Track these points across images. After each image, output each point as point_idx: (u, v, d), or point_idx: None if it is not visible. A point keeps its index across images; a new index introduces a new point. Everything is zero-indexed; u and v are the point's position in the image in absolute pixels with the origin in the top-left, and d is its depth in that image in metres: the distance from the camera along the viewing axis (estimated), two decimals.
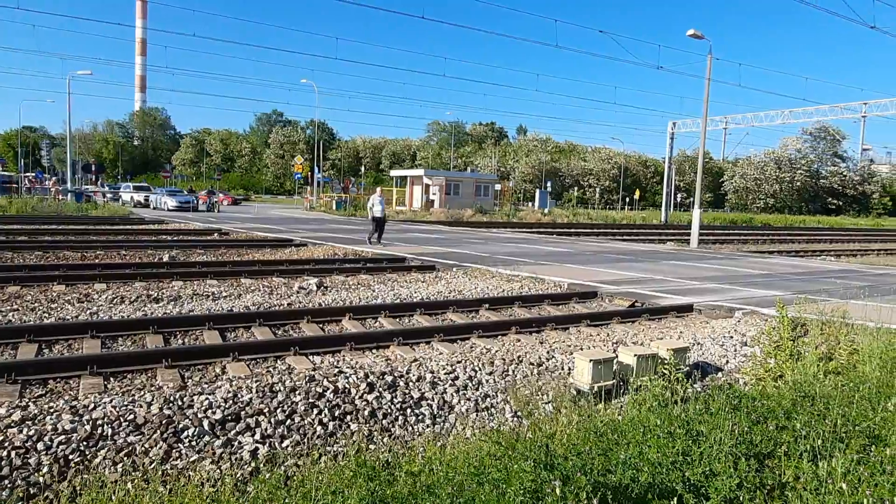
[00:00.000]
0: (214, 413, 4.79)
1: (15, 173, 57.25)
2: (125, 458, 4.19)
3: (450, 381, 6.00)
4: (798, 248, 29.07)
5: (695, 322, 9.31)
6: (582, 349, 7.19)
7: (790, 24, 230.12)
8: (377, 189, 20.70)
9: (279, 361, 6.48)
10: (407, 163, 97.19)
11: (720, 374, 7.13)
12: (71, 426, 4.36)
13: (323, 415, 5.08)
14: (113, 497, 3.70)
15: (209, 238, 19.74)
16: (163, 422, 4.57)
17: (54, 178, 53.90)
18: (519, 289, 11.66)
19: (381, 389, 5.60)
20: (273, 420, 4.88)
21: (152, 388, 5.33)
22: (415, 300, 10.01)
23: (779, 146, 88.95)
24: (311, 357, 6.67)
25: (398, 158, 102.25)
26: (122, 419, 4.53)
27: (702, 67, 28.90)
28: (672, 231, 38.00)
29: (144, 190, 44.18)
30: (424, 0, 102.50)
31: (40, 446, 4.13)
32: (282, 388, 5.29)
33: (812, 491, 2.74)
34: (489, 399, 5.91)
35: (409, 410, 5.46)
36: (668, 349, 6.47)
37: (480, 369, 6.33)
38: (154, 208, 39.04)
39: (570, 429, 4.52)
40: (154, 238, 19.30)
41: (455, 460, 3.71)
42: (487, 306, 9.68)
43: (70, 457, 4.12)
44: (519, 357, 6.77)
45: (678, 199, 76.24)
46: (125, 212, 32.49)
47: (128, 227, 22.64)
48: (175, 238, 19.20)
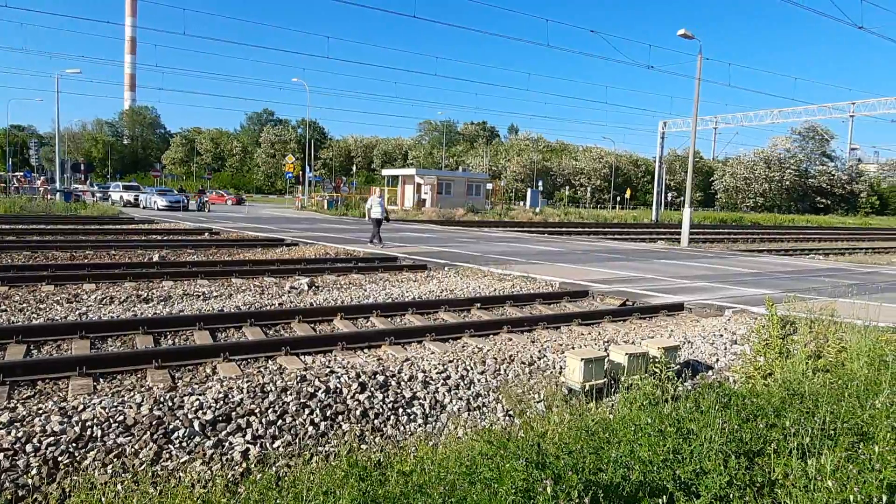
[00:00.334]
0: (205, 414, 4.77)
1: (3, 173, 56.75)
2: (115, 460, 4.16)
3: (441, 381, 6.00)
4: (787, 247, 29.29)
5: (685, 321, 9.35)
6: (573, 348, 7.21)
7: (779, 25, 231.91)
8: (376, 190, 20.67)
9: (270, 361, 6.46)
10: (398, 162, 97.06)
11: (710, 373, 7.17)
12: (60, 427, 4.32)
13: (314, 415, 5.07)
14: (102, 499, 3.67)
15: (200, 238, 19.63)
16: (153, 423, 4.54)
17: (43, 178, 53.34)
18: (510, 288, 11.67)
19: (373, 389, 5.59)
20: (264, 420, 4.86)
21: (142, 389, 5.30)
22: (406, 300, 10.00)
23: (768, 146, 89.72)
24: (303, 357, 6.65)
25: (390, 158, 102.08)
26: (112, 420, 4.50)
27: (692, 67, 29.05)
28: (663, 230, 38.15)
29: (134, 189, 43.84)
30: None
31: (29, 448, 4.10)
32: (273, 389, 5.27)
33: (801, 488, 2.76)
34: (481, 398, 5.91)
35: (401, 410, 5.46)
36: (659, 348, 6.50)
37: (472, 368, 6.34)
38: (144, 208, 38.79)
39: (562, 427, 4.53)
40: (144, 238, 19.17)
41: (447, 460, 3.71)
42: (479, 305, 9.68)
43: (59, 458, 4.08)
44: (510, 356, 6.79)
45: (669, 199, 76.61)
46: (115, 211, 32.25)
47: (117, 227, 22.47)
48: (165, 238, 19.09)
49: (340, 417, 5.15)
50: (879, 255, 27.39)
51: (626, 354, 6.36)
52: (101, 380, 5.64)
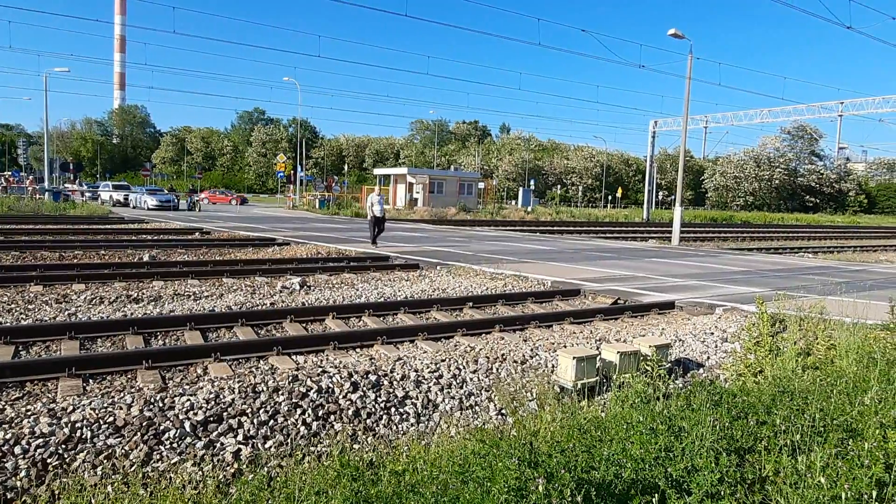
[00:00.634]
0: (196, 414, 4.74)
1: None
2: (105, 461, 4.13)
3: (434, 380, 6.00)
4: (777, 246, 29.48)
5: (676, 319, 9.40)
6: (565, 346, 7.22)
7: (769, 25, 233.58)
8: (376, 188, 20.66)
9: (262, 361, 6.43)
10: (391, 161, 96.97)
11: (701, 370, 7.21)
12: (49, 429, 4.29)
13: (306, 415, 5.05)
14: (92, 500, 3.65)
15: (190, 237, 19.52)
16: (143, 424, 4.51)
17: (31, 177, 52.87)
18: (502, 287, 11.68)
19: (365, 389, 5.58)
20: (256, 421, 4.84)
21: (132, 390, 5.26)
22: (399, 299, 9.99)
23: (758, 145, 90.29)
24: (295, 357, 6.62)
25: (382, 157, 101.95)
26: (102, 421, 4.47)
27: (683, 67, 29.18)
28: (654, 229, 38.33)
29: (124, 189, 43.48)
30: None
31: (17, 450, 4.06)
32: (265, 389, 5.25)
33: (792, 485, 2.78)
34: (473, 397, 5.91)
35: (394, 409, 5.45)
36: (651, 346, 6.53)
37: (464, 367, 6.34)
38: (134, 207, 38.51)
39: (554, 426, 4.54)
40: (134, 237, 19.03)
41: (439, 459, 3.71)
42: (471, 304, 9.69)
43: (48, 460, 4.05)
44: (503, 355, 6.79)
45: (660, 197, 76.98)
46: (104, 211, 32.01)
47: (107, 227, 22.29)
48: (155, 237, 18.97)
49: (332, 417, 5.14)
50: (868, 254, 27.63)
51: (618, 353, 6.38)
52: (91, 381, 5.60)
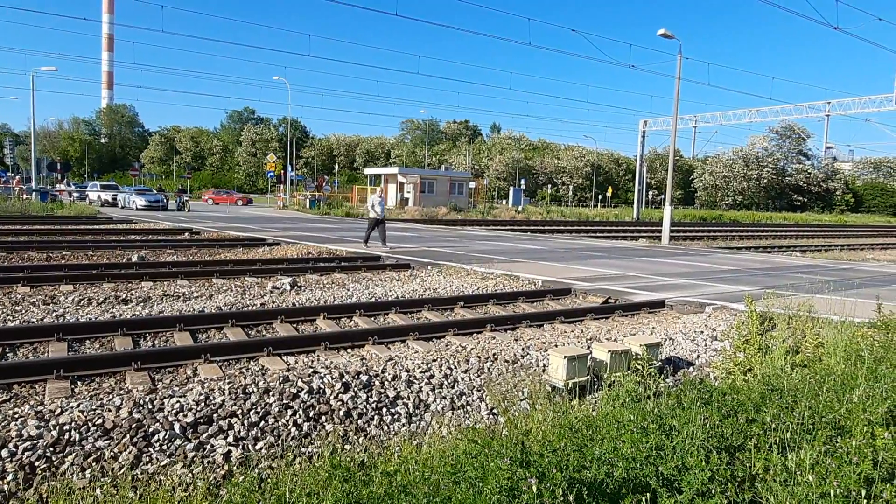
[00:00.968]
0: (186, 416, 4.71)
1: None
2: (93, 464, 4.09)
3: (425, 380, 5.99)
4: (765, 244, 29.70)
5: (667, 318, 9.44)
6: (556, 346, 7.24)
7: (757, 25, 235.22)
8: (377, 189, 20.64)
9: (252, 362, 6.40)
10: (381, 161, 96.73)
11: (692, 369, 7.25)
12: (37, 432, 4.24)
13: (297, 416, 5.03)
14: (81, 503, 3.61)
15: (180, 238, 19.40)
16: (132, 426, 4.47)
17: (18, 177, 52.28)
18: (494, 286, 11.69)
19: (357, 389, 5.56)
20: (246, 422, 4.82)
21: (121, 392, 5.22)
22: (390, 299, 9.98)
23: (747, 144, 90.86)
24: (285, 357, 6.60)
25: (372, 156, 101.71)
26: (91, 424, 4.43)
27: (672, 66, 29.34)
28: (644, 228, 38.49)
29: (112, 189, 43.12)
30: None
31: (5, 453, 4.01)
32: (255, 390, 5.22)
33: (781, 482, 2.79)
34: (465, 397, 5.91)
35: (385, 410, 5.44)
36: (641, 345, 6.56)
37: (456, 367, 6.34)
38: (122, 207, 38.21)
39: (546, 425, 4.55)
40: (123, 238, 18.87)
41: (431, 459, 3.71)
42: (462, 304, 9.69)
43: (36, 463, 4.01)
44: (494, 354, 6.80)
45: (650, 197, 77.35)
46: (92, 211, 31.73)
47: (95, 227, 22.09)
48: (144, 238, 18.83)
49: (324, 418, 5.12)
50: (855, 252, 27.90)
51: (609, 352, 6.41)
52: (80, 382, 5.55)
